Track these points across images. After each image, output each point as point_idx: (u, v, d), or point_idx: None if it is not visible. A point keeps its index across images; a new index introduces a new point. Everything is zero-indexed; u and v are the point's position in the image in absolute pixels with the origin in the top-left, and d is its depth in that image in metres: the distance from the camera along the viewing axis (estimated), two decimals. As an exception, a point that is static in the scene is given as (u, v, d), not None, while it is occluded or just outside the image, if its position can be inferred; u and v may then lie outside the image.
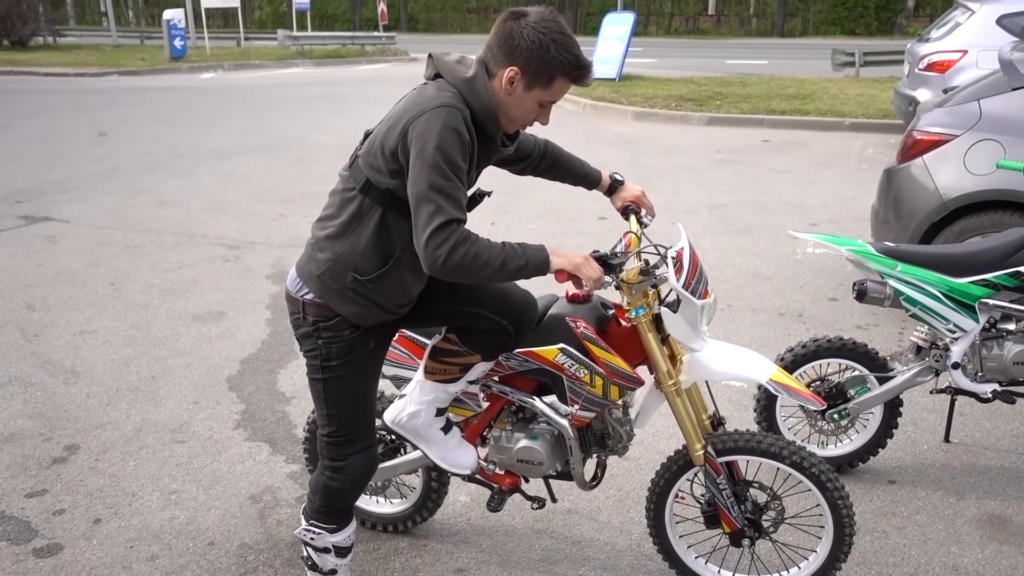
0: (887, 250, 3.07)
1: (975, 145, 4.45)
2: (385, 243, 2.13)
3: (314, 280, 2.20)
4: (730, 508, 2.45)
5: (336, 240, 2.15)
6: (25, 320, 4.99)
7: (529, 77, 2.03)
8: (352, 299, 2.18)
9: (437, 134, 1.95)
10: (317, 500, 2.43)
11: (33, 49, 26.03)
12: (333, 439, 2.35)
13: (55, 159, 9.83)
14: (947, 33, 9.46)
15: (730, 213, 7.29)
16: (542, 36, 2.00)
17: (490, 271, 1.99)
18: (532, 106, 2.10)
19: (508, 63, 2.03)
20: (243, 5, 27.90)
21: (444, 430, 2.54)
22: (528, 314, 2.38)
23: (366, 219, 2.12)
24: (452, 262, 1.94)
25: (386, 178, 2.06)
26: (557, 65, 2.02)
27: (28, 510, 3.14)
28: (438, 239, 1.93)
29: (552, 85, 2.05)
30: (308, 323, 2.24)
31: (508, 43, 2.02)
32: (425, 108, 1.99)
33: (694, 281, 2.26)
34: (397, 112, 2.07)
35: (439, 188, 1.94)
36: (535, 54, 2.00)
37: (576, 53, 2.03)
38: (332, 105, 14.49)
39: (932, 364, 3.12)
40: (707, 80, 16.14)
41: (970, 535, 2.96)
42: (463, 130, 1.99)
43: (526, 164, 2.57)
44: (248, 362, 4.42)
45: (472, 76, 2.05)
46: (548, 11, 2.06)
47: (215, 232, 6.85)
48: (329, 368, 2.26)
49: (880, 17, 36.75)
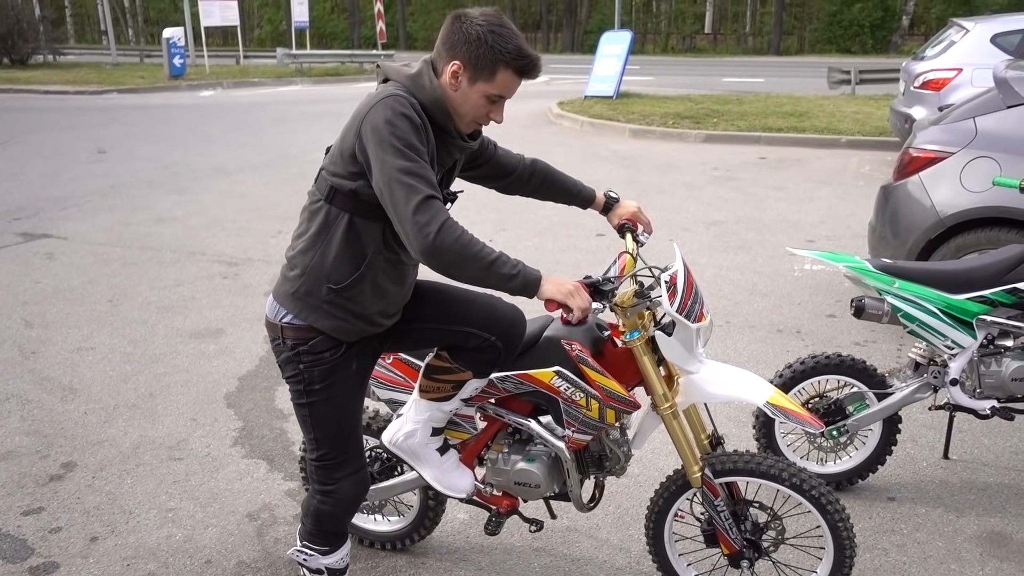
0: (885, 267, 3.08)
1: (971, 162, 4.48)
2: (355, 248, 2.12)
3: (289, 300, 2.18)
4: (728, 530, 2.43)
5: (306, 254, 2.15)
6: (23, 337, 4.99)
7: (472, 70, 2.05)
8: (331, 312, 2.16)
9: (387, 121, 1.96)
10: (309, 523, 2.41)
11: (33, 67, 26.14)
12: (322, 463, 2.33)
13: (54, 176, 9.85)
14: (942, 51, 9.53)
15: (727, 230, 7.31)
16: (480, 28, 2.02)
17: (479, 266, 1.95)
18: (479, 100, 2.09)
19: (451, 58, 2.06)
20: (242, 24, 28.05)
21: (440, 451, 2.52)
22: (516, 328, 2.35)
23: (334, 227, 2.11)
24: (443, 241, 1.90)
25: (348, 181, 2.06)
26: (498, 55, 2.03)
27: (24, 528, 3.12)
28: (424, 216, 1.90)
29: (495, 77, 2.05)
30: (288, 347, 2.22)
31: (450, 39, 2.06)
32: (373, 102, 2.02)
33: (689, 303, 2.24)
34: (351, 117, 2.10)
35: (406, 170, 1.93)
36: (474, 46, 2.02)
37: (517, 44, 2.04)
38: (330, 123, 14.53)
39: (930, 381, 3.12)
40: (704, 98, 16.22)
41: (970, 552, 2.95)
42: (412, 113, 2.00)
43: (513, 180, 2.56)
44: (246, 379, 4.41)
45: (416, 72, 2.09)
46: (492, 10, 2.09)
47: (213, 249, 6.86)
48: (313, 392, 2.24)
49: (875, 35, 37.00)
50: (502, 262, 1.98)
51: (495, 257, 1.97)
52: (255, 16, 51.78)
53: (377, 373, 2.60)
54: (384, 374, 2.60)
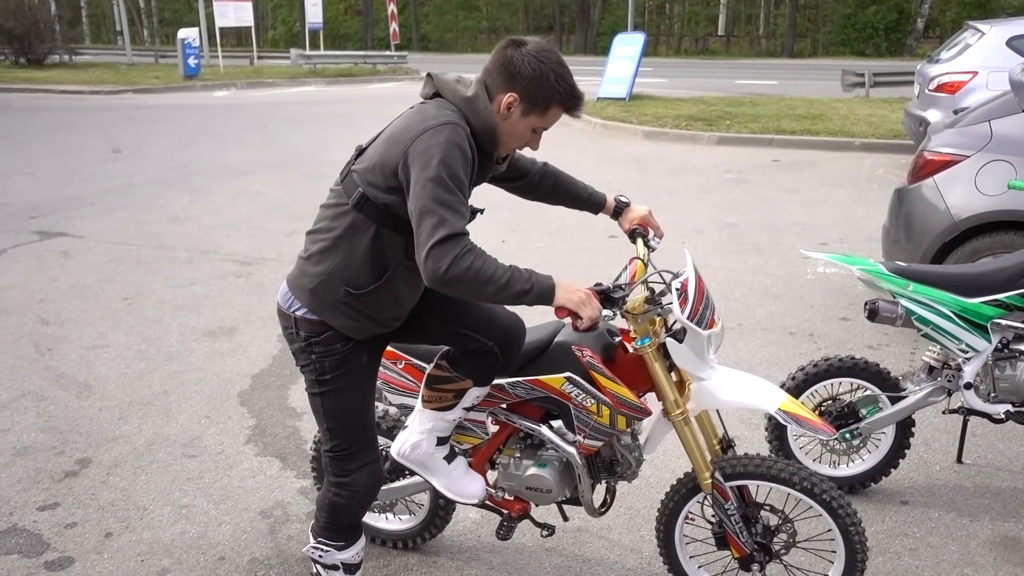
0: (899, 270, 3.07)
1: (986, 166, 4.45)
2: (379, 258, 2.14)
3: (306, 294, 2.21)
4: (739, 533, 2.43)
5: (328, 254, 2.16)
6: (39, 334, 5.03)
7: (527, 104, 2.09)
8: (344, 312, 2.19)
9: (441, 150, 1.97)
10: (323, 517, 2.43)
11: (49, 67, 26.33)
12: (336, 454, 2.35)
13: (70, 175, 9.93)
14: (957, 54, 9.48)
15: (740, 232, 7.30)
16: (542, 65, 2.06)
17: (493, 288, 1.97)
18: (526, 131, 2.15)
19: (507, 89, 2.09)
20: (257, 24, 28.19)
21: (448, 459, 2.54)
22: (514, 335, 2.36)
23: (360, 234, 2.13)
24: (454, 274, 1.93)
25: (383, 194, 2.08)
26: (554, 95, 2.09)
27: (40, 523, 3.16)
28: (441, 251, 1.92)
29: (547, 113, 2.12)
30: (300, 339, 2.25)
31: (508, 70, 2.08)
32: (428, 126, 2.02)
33: (700, 309, 2.23)
34: (397, 130, 2.10)
35: (443, 202, 1.94)
36: (534, 83, 2.06)
37: (572, 84, 2.11)
38: (344, 123, 14.59)
39: (944, 384, 3.11)
40: (717, 100, 16.19)
41: (984, 557, 2.94)
42: (466, 147, 2.03)
43: (525, 184, 2.57)
44: (259, 377, 4.43)
45: (473, 95, 2.10)
46: (546, 42, 2.14)
47: (227, 248, 6.90)
48: (325, 382, 2.27)
49: (890, 38, 36.81)
50: (515, 279, 1.99)
51: (507, 278, 1.98)
52: (269, 17, 52.02)
53: (389, 378, 2.61)
54: (396, 379, 2.61)
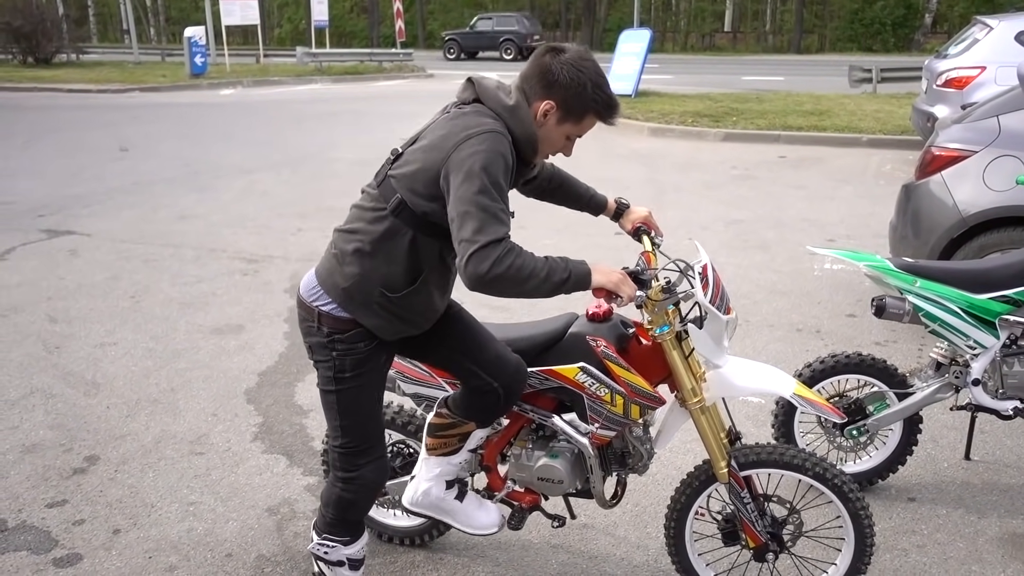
0: (906, 266, 3.06)
1: (994, 161, 4.43)
2: (414, 263, 2.16)
3: (338, 292, 2.21)
4: (755, 522, 2.45)
5: (365, 257, 2.17)
6: (47, 332, 5.05)
7: (563, 112, 2.11)
8: (377, 312, 2.20)
9: (484, 157, 1.98)
10: (330, 513, 2.44)
11: (57, 66, 26.40)
12: (346, 450, 2.36)
13: (77, 174, 9.96)
14: (965, 49, 9.43)
15: (747, 229, 7.28)
16: (581, 75, 2.08)
17: (534, 283, 1.99)
18: (560, 139, 2.18)
19: (545, 96, 2.10)
20: (263, 23, 28.25)
21: (459, 498, 2.57)
22: (518, 379, 2.40)
23: (397, 239, 2.14)
24: (496, 274, 1.94)
25: (424, 201, 2.08)
26: (591, 104, 2.11)
27: (49, 520, 3.17)
28: (483, 254, 1.93)
29: (583, 121, 2.15)
30: (323, 334, 2.25)
31: (547, 78, 2.09)
32: (471, 133, 2.02)
33: (719, 297, 2.27)
34: (438, 137, 2.09)
35: (485, 207, 1.95)
36: (572, 91, 2.08)
37: (610, 94, 2.13)
38: (350, 121, 14.60)
39: (952, 381, 3.10)
40: (723, 96, 16.15)
41: (992, 554, 2.93)
42: (508, 155, 2.04)
43: (535, 184, 2.58)
44: (266, 375, 4.44)
45: (515, 104, 2.11)
46: (585, 50, 2.15)
47: (234, 246, 6.91)
48: (343, 380, 2.27)
49: (897, 34, 36.62)
50: (553, 270, 2.02)
51: (546, 271, 2.01)
52: (275, 15, 52.06)
53: (402, 368, 2.62)
54: (409, 368, 2.62)
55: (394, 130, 12.48)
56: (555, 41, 2.29)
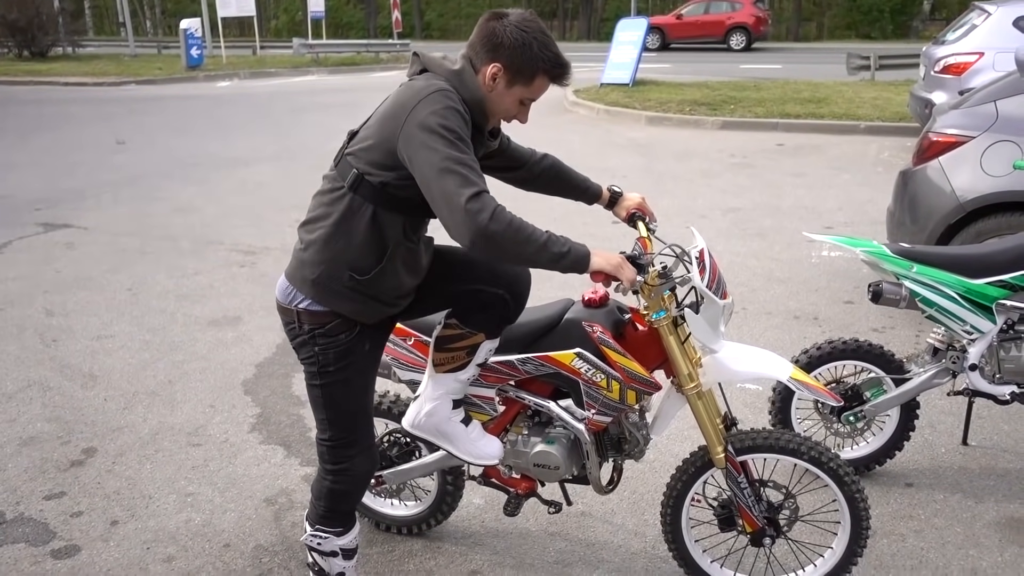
0: (903, 251, 3.05)
1: (992, 146, 4.42)
2: (378, 239, 2.14)
3: (308, 285, 2.19)
4: (751, 507, 2.45)
5: (328, 242, 2.15)
6: (44, 325, 5.04)
7: (511, 74, 2.10)
8: (351, 297, 2.18)
9: (440, 114, 1.97)
10: (322, 505, 2.42)
11: (53, 59, 26.30)
12: (334, 443, 2.35)
13: (74, 167, 9.93)
14: (963, 35, 9.40)
15: (745, 217, 7.27)
16: (524, 34, 2.07)
17: (533, 247, 1.97)
18: (512, 103, 2.16)
19: (491, 60, 2.10)
20: (259, 14, 28.11)
21: (464, 423, 2.52)
22: (522, 280, 2.35)
23: (357, 217, 2.12)
24: (498, 227, 1.90)
25: (380, 171, 2.07)
26: (539, 63, 2.09)
27: (46, 512, 3.17)
28: (478, 204, 1.90)
29: (533, 83, 2.13)
30: (305, 332, 2.24)
31: (491, 40, 2.09)
32: (421, 96, 2.02)
33: (715, 282, 2.27)
34: (389, 107, 2.09)
35: (459, 160, 1.93)
36: (517, 52, 2.07)
37: (556, 52, 2.11)
38: (347, 112, 14.55)
39: (949, 366, 3.10)
40: (721, 84, 16.09)
41: (989, 538, 2.93)
42: (462, 110, 2.03)
43: (523, 173, 2.56)
44: (263, 366, 4.44)
45: (460, 68, 2.11)
46: (529, 12, 2.15)
47: (231, 238, 6.90)
48: (328, 373, 2.26)
49: (896, 20, 36.48)
50: (552, 241, 2.01)
51: (546, 238, 2.00)
52: (271, 7, 51.87)
53: (398, 354, 2.62)
54: (405, 355, 2.61)
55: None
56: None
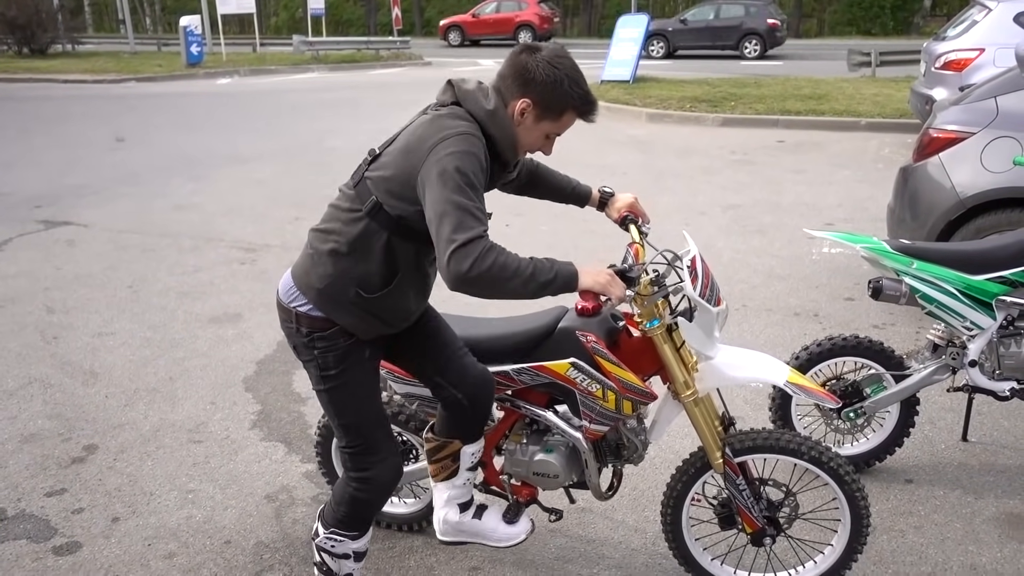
0: (903, 247, 3.05)
1: (992, 142, 4.42)
2: (390, 264, 2.15)
3: (313, 292, 2.20)
4: (751, 508, 2.45)
5: (340, 258, 2.16)
6: (44, 323, 5.05)
7: (541, 110, 2.11)
8: (352, 312, 2.19)
9: (458, 157, 1.98)
10: (342, 511, 2.42)
11: (52, 56, 26.28)
12: (352, 449, 2.35)
13: (74, 164, 9.93)
14: (964, 31, 9.39)
15: (745, 214, 7.27)
16: (557, 71, 2.07)
17: (518, 283, 1.97)
18: (539, 137, 2.17)
19: (522, 95, 2.10)
20: (259, 11, 28.10)
21: (478, 516, 2.57)
22: (484, 390, 2.40)
23: (372, 241, 2.13)
24: (478, 272, 1.92)
25: (399, 203, 2.08)
26: (569, 100, 2.10)
27: (48, 509, 3.18)
28: (464, 252, 1.91)
29: (561, 119, 2.14)
30: (303, 335, 2.24)
31: (523, 76, 2.09)
32: (445, 135, 2.03)
33: (708, 289, 2.25)
34: (413, 141, 2.08)
35: (461, 206, 1.94)
36: (548, 88, 2.08)
37: (586, 89, 2.13)
38: (347, 110, 14.55)
39: (949, 362, 3.10)
40: (721, 81, 16.08)
41: (988, 534, 2.94)
42: (481, 156, 2.04)
43: (512, 181, 2.55)
44: (264, 363, 4.45)
45: (494, 108, 2.11)
46: (561, 48, 2.15)
47: (231, 235, 6.90)
48: (329, 377, 2.27)
49: (896, 17, 36.41)
50: (539, 270, 2.00)
51: (531, 270, 1.99)
52: (271, 4, 51.82)
53: (393, 368, 2.60)
54: (400, 369, 2.59)
55: (391, 118, 12.43)
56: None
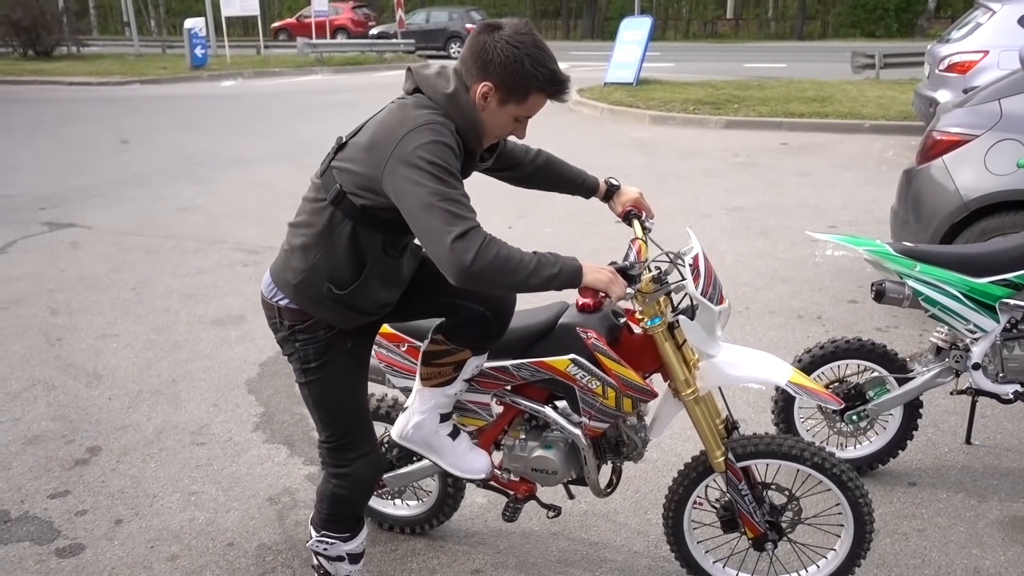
0: (906, 250, 3.05)
1: (996, 145, 4.41)
2: (357, 255, 2.12)
3: (290, 288, 2.19)
4: (752, 513, 2.44)
5: (309, 251, 2.14)
6: (48, 324, 5.06)
7: (503, 92, 2.01)
8: (329, 306, 2.18)
9: (426, 149, 1.91)
10: (325, 509, 2.41)
11: (57, 59, 26.35)
12: (331, 444, 2.34)
13: (79, 166, 9.95)
14: (968, 34, 9.37)
15: (748, 216, 7.26)
16: (516, 51, 1.96)
17: (522, 275, 1.92)
18: (507, 121, 2.08)
19: (482, 78, 2.00)
20: (263, 13, 28.13)
21: (452, 436, 2.52)
22: (506, 300, 2.33)
23: (337, 231, 2.10)
24: (481, 265, 1.86)
25: (363, 192, 2.03)
26: (532, 80, 1.99)
27: (51, 511, 3.18)
28: (463, 244, 1.85)
29: (527, 100, 2.03)
30: (285, 328, 2.24)
31: (482, 57, 1.99)
32: (408, 128, 1.95)
33: (711, 287, 2.24)
34: (378, 131, 2.02)
35: (447, 196, 1.88)
36: (508, 69, 1.97)
37: (551, 67, 2.00)
38: (350, 112, 14.56)
39: (952, 365, 3.09)
40: (725, 83, 16.08)
41: (992, 537, 2.93)
42: (451, 142, 1.96)
43: (519, 172, 2.52)
44: (267, 365, 4.45)
45: (453, 91, 2.02)
46: (523, 24, 2.03)
47: (235, 237, 6.91)
48: (310, 370, 2.26)
49: (900, 19, 36.38)
50: (542, 263, 1.95)
51: (535, 263, 1.94)
52: (275, 6, 51.92)
53: (392, 361, 2.61)
54: (398, 361, 2.60)
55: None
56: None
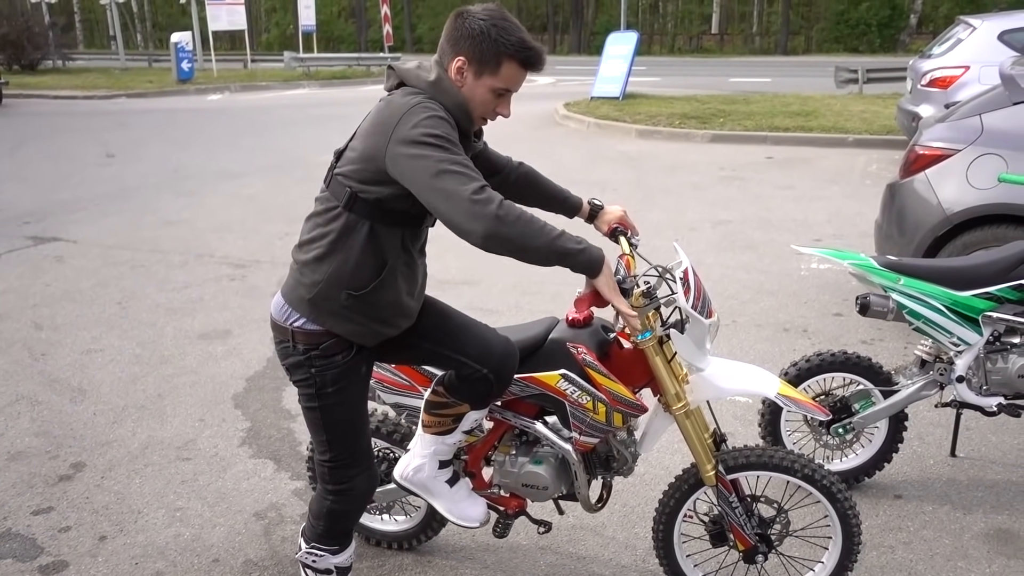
0: (890, 264, 3.07)
1: (977, 159, 4.46)
2: (377, 254, 2.12)
3: (305, 305, 2.17)
4: (743, 526, 2.44)
5: (324, 260, 2.13)
6: (33, 339, 5.02)
7: (476, 64, 2.06)
8: (348, 317, 2.16)
9: (424, 125, 1.95)
10: (321, 525, 2.41)
11: (43, 72, 26.28)
12: (335, 464, 2.33)
13: (64, 180, 9.91)
14: (949, 49, 9.50)
15: (734, 230, 7.30)
16: (483, 23, 2.03)
17: (545, 239, 1.92)
18: (486, 95, 2.10)
19: (455, 54, 2.07)
20: (250, 28, 28.18)
21: (450, 482, 2.53)
22: (508, 363, 2.33)
23: (354, 234, 2.10)
24: (511, 217, 1.87)
25: (373, 187, 2.05)
26: (502, 48, 2.04)
27: (34, 527, 3.15)
28: (484, 197, 1.87)
29: (500, 70, 2.07)
30: (299, 352, 2.21)
31: (453, 35, 2.07)
32: (404, 110, 1.99)
33: (700, 301, 2.25)
34: (371, 125, 2.06)
35: (453, 161, 1.91)
36: (477, 40, 2.03)
37: (520, 36, 2.05)
38: (337, 125, 14.56)
39: (936, 378, 3.11)
40: (711, 98, 16.20)
41: (977, 550, 2.95)
42: (445, 117, 2.01)
43: (499, 181, 2.52)
44: (254, 380, 4.43)
45: (436, 78, 2.08)
46: (493, 4, 2.11)
47: (221, 251, 6.89)
48: (325, 395, 2.24)
49: (883, 34, 36.85)
50: (567, 237, 1.98)
51: (558, 233, 1.96)
52: (262, 20, 51.96)
53: (382, 377, 2.60)
54: (389, 378, 2.60)
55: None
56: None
